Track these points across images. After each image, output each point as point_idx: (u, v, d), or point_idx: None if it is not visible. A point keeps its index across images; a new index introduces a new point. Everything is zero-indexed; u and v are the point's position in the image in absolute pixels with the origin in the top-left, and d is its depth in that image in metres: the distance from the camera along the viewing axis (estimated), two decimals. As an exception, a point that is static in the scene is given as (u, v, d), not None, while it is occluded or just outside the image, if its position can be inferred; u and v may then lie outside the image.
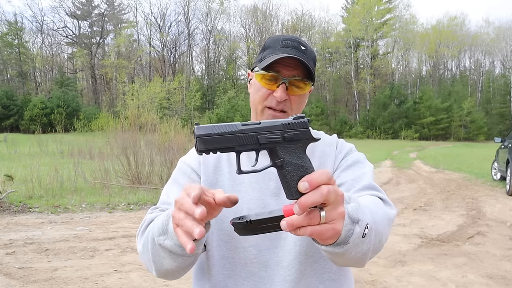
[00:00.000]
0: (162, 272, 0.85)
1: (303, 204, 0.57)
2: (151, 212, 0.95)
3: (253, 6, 57.77)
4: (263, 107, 1.01)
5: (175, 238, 0.73)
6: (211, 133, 0.62)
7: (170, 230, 0.74)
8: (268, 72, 0.97)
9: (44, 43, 55.16)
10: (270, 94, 0.99)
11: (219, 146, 0.62)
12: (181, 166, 1.07)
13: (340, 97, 55.48)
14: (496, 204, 7.65)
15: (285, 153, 0.64)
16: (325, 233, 0.60)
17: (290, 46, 0.98)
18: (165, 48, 54.23)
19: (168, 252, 0.78)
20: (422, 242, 5.12)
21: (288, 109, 1.00)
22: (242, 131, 0.63)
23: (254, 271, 0.97)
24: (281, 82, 0.97)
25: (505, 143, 10.07)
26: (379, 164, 16.05)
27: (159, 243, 0.77)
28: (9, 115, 41.65)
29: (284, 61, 0.96)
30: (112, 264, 4.20)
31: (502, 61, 54.88)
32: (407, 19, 55.68)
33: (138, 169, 8.97)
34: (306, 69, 0.98)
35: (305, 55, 0.99)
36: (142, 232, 0.90)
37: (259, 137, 0.64)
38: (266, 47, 1.03)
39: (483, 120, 44.98)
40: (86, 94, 56.21)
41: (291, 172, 0.62)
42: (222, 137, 0.62)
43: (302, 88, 1.00)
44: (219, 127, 0.62)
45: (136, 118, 10.51)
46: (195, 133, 0.62)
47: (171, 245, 0.75)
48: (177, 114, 39.44)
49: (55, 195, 7.76)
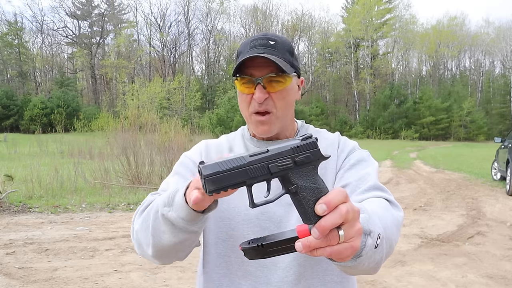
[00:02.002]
0: (159, 249, 0.85)
1: (323, 227, 0.55)
2: (151, 195, 0.98)
3: (253, 6, 57.83)
4: (249, 114, 0.99)
5: (179, 210, 0.76)
6: (218, 171, 0.58)
7: (176, 203, 0.77)
8: (241, 76, 0.97)
9: (44, 43, 55.19)
10: (251, 98, 0.98)
11: (229, 183, 0.59)
12: (183, 159, 1.09)
13: (340, 97, 55.49)
14: (496, 204, 7.65)
15: (298, 178, 0.61)
16: (344, 252, 0.58)
17: (258, 45, 0.97)
18: (165, 48, 54.24)
19: (170, 225, 0.79)
20: (422, 242, 5.12)
21: (272, 108, 0.97)
22: (251, 163, 0.60)
23: (250, 270, 0.96)
24: (256, 83, 0.96)
25: (505, 143, 10.07)
26: (379, 164, 15.93)
27: (163, 213, 0.79)
28: (9, 115, 41.65)
29: (254, 62, 0.95)
30: (112, 264, 4.20)
31: (502, 61, 54.87)
32: (407, 19, 55.68)
33: (138, 169, 8.97)
34: (277, 64, 0.94)
35: (274, 49, 0.96)
36: (140, 212, 0.93)
37: (270, 167, 0.60)
38: (238, 53, 1.01)
39: (483, 120, 44.96)
40: (86, 94, 56.20)
41: (306, 196, 0.59)
42: (231, 174, 0.58)
43: (282, 82, 0.96)
44: (226, 162, 0.59)
45: (136, 118, 10.52)
46: (202, 173, 0.58)
47: (175, 217, 0.77)
48: (177, 114, 39.45)
49: (55, 195, 7.76)
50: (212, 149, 1.10)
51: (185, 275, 3.93)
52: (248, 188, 0.61)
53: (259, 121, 0.98)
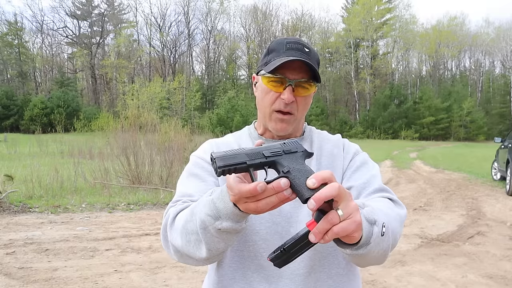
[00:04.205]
0: (215, 255, 0.88)
1: (318, 198, 0.63)
2: (173, 205, 0.98)
3: (253, 6, 57.76)
4: (271, 111, 1.04)
5: (230, 217, 0.77)
6: (226, 153, 0.72)
7: (222, 212, 0.77)
8: (274, 75, 1.00)
9: (44, 43, 55.23)
10: (277, 96, 1.02)
11: (234, 162, 0.71)
12: (196, 160, 1.10)
13: (340, 97, 55.52)
14: (496, 204, 7.65)
15: (288, 161, 0.73)
16: (349, 227, 0.65)
17: (295, 48, 1.01)
18: (165, 48, 54.28)
19: (225, 234, 0.80)
20: (422, 242, 5.12)
21: (295, 111, 1.03)
22: (249, 150, 0.74)
23: (263, 264, 0.98)
24: (287, 84, 1.00)
25: (505, 143, 10.07)
26: (379, 164, 16.05)
27: (216, 228, 0.79)
28: (9, 115, 41.68)
29: (289, 64, 0.98)
30: (112, 264, 4.20)
31: (502, 61, 54.89)
32: (407, 19, 55.69)
33: (138, 169, 8.96)
34: (311, 71, 1.00)
35: (309, 57, 1.01)
36: (171, 226, 0.93)
37: (263, 152, 0.74)
38: (270, 51, 1.05)
39: (483, 120, 44.98)
40: (86, 94, 56.22)
41: (297, 175, 0.69)
42: (235, 155, 0.71)
43: (308, 89, 1.02)
44: (232, 150, 0.73)
45: (136, 118, 10.53)
46: (213, 156, 0.71)
47: (230, 225, 0.77)
48: (177, 114, 39.50)
49: (55, 195, 7.76)
50: (222, 147, 1.12)
51: (185, 275, 3.93)
52: (250, 171, 0.72)
53: (281, 119, 1.03)
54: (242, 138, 1.16)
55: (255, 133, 1.14)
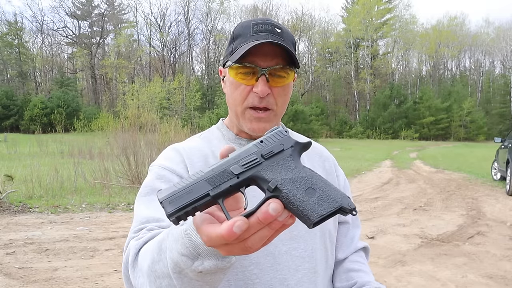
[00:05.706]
0: None
1: None
2: (135, 236, 0.76)
3: (253, 6, 57.80)
4: (243, 109, 0.86)
5: (215, 252, 0.57)
6: (174, 190, 0.50)
7: (202, 248, 0.57)
8: (243, 64, 0.83)
9: (44, 43, 55.24)
10: (249, 90, 0.85)
11: (190, 198, 0.49)
12: (158, 172, 0.89)
13: (340, 97, 55.52)
14: (496, 204, 7.65)
15: (273, 171, 0.51)
16: None
17: (264, 30, 0.83)
18: (165, 48, 54.27)
19: (209, 276, 0.60)
20: (422, 242, 5.12)
21: (273, 105, 0.86)
22: (209, 173, 0.51)
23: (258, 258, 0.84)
24: (260, 74, 0.82)
25: (505, 143, 10.07)
26: (379, 164, 16.04)
27: (198, 271, 0.58)
28: (9, 115, 41.65)
29: (259, 49, 0.81)
30: (112, 264, 4.20)
31: (502, 61, 54.89)
32: (407, 19, 55.74)
33: (138, 169, 8.96)
34: (287, 55, 0.83)
35: (282, 38, 0.84)
36: (133, 265, 0.71)
37: (231, 169, 0.51)
38: (236, 37, 0.88)
39: (483, 120, 44.99)
40: (86, 94, 56.22)
41: (292, 190, 0.49)
42: (189, 188, 0.50)
43: (285, 78, 0.85)
44: (183, 181, 0.51)
45: (136, 118, 10.53)
46: (158, 198, 0.50)
47: (214, 263, 0.57)
48: (177, 114, 39.48)
49: (55, 195, 7.76)
50: (194, 155, 0.91)
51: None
52: (219, 202, 0.50)
53: (257, 117, 0.86)
54: (212, 142, 0.94)
55: (230, 134, 0.94)
